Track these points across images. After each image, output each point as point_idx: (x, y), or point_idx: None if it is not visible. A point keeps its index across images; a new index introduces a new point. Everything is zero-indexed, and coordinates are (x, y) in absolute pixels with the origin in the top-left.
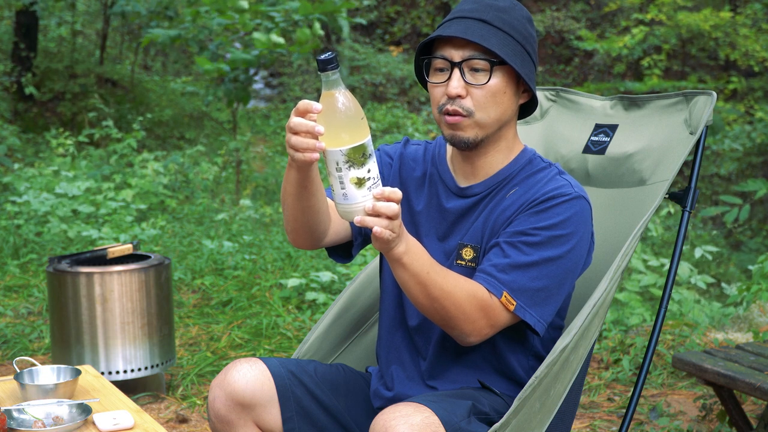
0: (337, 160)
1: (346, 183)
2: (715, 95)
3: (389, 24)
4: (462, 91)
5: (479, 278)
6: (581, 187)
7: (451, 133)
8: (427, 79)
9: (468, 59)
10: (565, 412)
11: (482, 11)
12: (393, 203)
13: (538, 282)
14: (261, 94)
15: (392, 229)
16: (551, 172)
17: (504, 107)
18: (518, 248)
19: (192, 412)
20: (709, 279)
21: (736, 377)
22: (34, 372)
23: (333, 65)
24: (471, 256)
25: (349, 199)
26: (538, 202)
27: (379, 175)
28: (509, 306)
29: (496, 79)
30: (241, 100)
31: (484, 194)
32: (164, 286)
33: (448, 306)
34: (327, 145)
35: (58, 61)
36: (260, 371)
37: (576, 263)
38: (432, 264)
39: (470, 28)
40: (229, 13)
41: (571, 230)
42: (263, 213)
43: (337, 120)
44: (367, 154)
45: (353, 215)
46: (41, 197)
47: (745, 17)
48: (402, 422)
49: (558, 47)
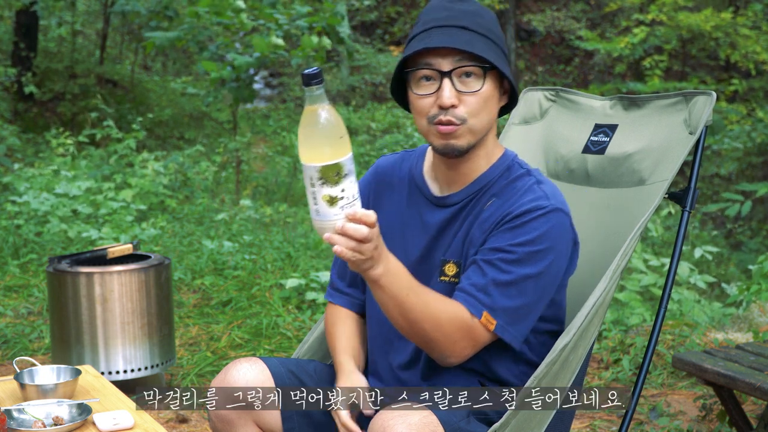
0: (311, 176)
1: (318, 199)
2: (714, 95)
3: (389, 24)
4: (455, 101)
5: (458, 297)
6: (559, 196)
7: (444, 142)
8: (413, 92)
9: (459, 67)
10: (564, 412)
11: (458, 18)
12: (363, 226)
13: (518, 300)
14: (261, 94)
15: (360, 252)
16: (529, 181)
17: (492, 112)
18: (496, 266)
19: (192, 412)
20: (709, 279)
21: (736, 377)
22: (34, 372)
23: (317, 80)
24: (454, 271)
25: (321, 215)
26: (513, 216)
27: (356, 195)
28: (489, 326)
29: (487, 84)
30: (247, 99)
31: (463, 203)
32: (164, 286)
33: (428, 328)
34: (303, 159)
35: (58, 61)
36: (260, 370)
37: (555, 276)
38: (411, 286)
39: (454, 36)
40: (227, 14)
41: (548, 245)
42: (263, 213)
43: (315, 135)
44: (342, 173)
45: (324, 232)
46: (41, 197)
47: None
48: (400, 422)
49: (558, 47)
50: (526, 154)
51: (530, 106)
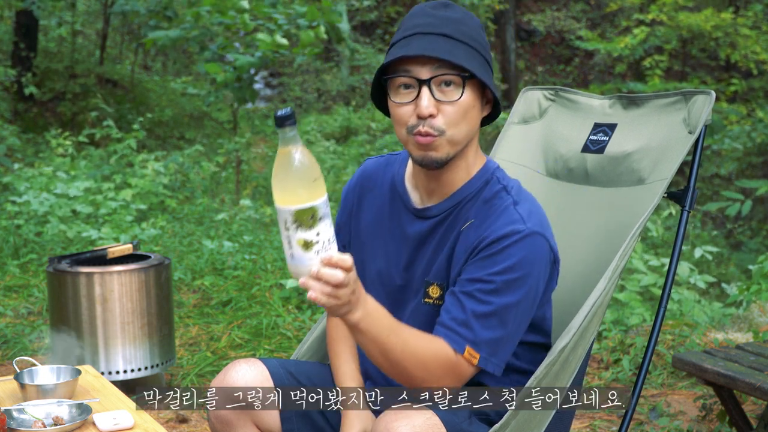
0: (286, 219)
1: (293, 244)
2: (713, 94)
3: (389, 24)
4: (434, 110)
5: (440, 332)
6: (536, 216)
7: (422, 154)
8: (392, 100)
9: (438, 75)
10: (564, 412)
11: (440, 25)
12: (339, 271)
13: (499, 330)
14: (261, 94)
15: (337, 297)
16: (506, 201)
17: (473, 122)
18: (475, 298)
19: (192, 412)
20: (709, 279)
21: (736, 377)
22: (34, 372)
23: (290, 122)
24: (438, 294)
25: (296, 260)
26: (489, 242)
27: (332, 239)
28: (473, 360)
29: (467, 94)
30: (248, 100)
31: (442, 217)
32: (164, 286)
33: (411, 368)
34: (277, 202)
35: (58, 61)
36: (259, 371)
37: (534, 299)
38: (392, 327)
39: (434, 44)
40: (230, 13)
41: (526, 271)
42: (263, 213)
43: (289, 178)
44: (317, 216)
45: (299, 276)
46: (41, 197)
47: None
48: (404, 423)
49: (558, 47)
50: (525, 153)
51: (529, 106)
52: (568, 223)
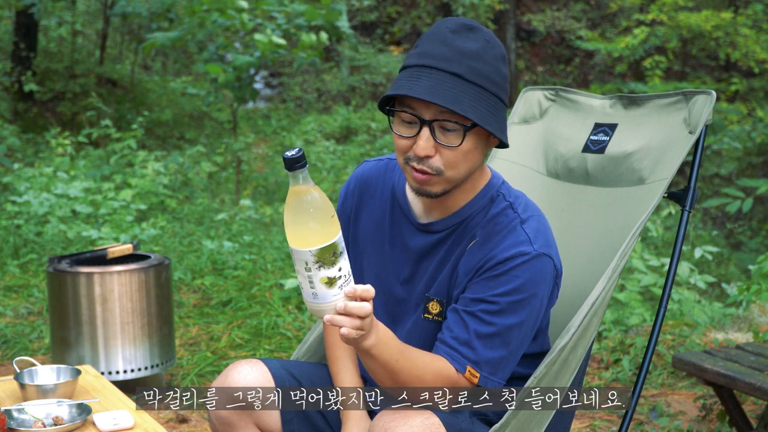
0: (306, 260)
1: (315, 283)
2: (714, 94)
3: (389, 24)
4: (431, 152)
5: (441, 351)
6: (543, 235)
7: (417, 186)
8: (394, 129)
9: (439, 120)
10: (564, 412)
11: (453, 60)
12: (366, 303)
13: (501, 350)
14: (261, 94)
15: (362, 328)
16: (512, 219)
17: (474, 162)
18: (478, 318)
19: (192, 412)
20: (710, 279)
21: (736, 377)
22: (34, 372)
23: (301, 164)
24: (438, 310)
25: (320, 298)
26: (495, 263)
27: (350, 271)
28: (473, 380)
29: (468, 140)
30: (248, 99)
31: (446, 233)
32: (164, 286)
33: (415, 387)
34: (294, 245)
35: (58, 61)
36: (261, 372)
37: (537, 318)
38: (401, 350)
39: (441, 87)
40: (229, 12)
41: (530, 293)
42: (263, 213)
43: (306, 219)
44: (338, 252)
45: (323, 314)
46: (41, 197)
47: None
48: (402, 424)
49: (558, 47)
50: (525, 153)
51: (530, 106)
52: (568, 223)
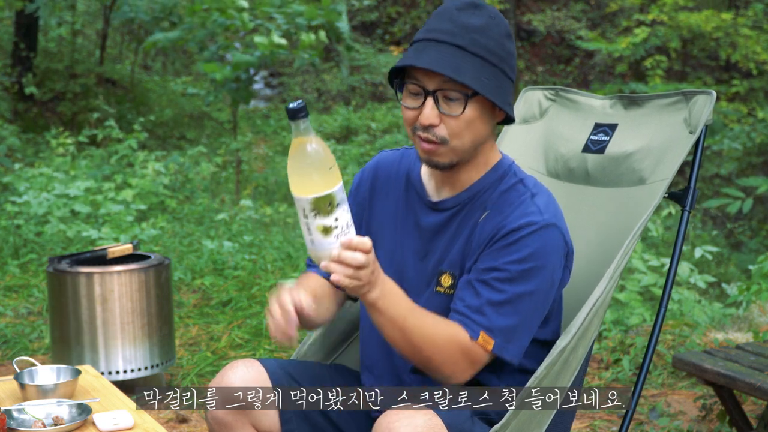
0: (304, 207)
1: (312, 230)
2: (714, 94)
3: (389, 24)
4: (435, 121)
5: (455, 318)
6: (553, 209)
7: (426, 157)
8: (402, 101)
9: (442, 89)
10: (564, 412)
11: (457, 34)
12: (359, 253)
13: (513, 318)
14: (261, 94)
15: (358, 278)
16: (523, 193)
17: (479, 132)
18: (490, 285)
19: (192, 412)
20: (709, 279)
21: (736, 377)
22: (34, 372)
23: (303, 114)
24: (449, 283)
25: (316, 245)
26: (506, 232)
27: (350, 222)
28: (487, 346)
29: (470, 109)
30: (245, 100)
31: (456, 209)
32: (164, 286)
33: (427, 350)
34: (294, 191)
35: (58, 61)
36: (257, 372)
37: (549, 290)
38: (410, 309)
39: (444, 58)
40: (229, 12)
41: (541, 261)
42: (263, 213)
43: (305, 168)
44: (334, 203)
45: (320, 260)
46: (41, 197)
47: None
48: (405, 424)
49: (558, 47)
50: (525, 153)
51: (530, 106)
52: (568, 223)
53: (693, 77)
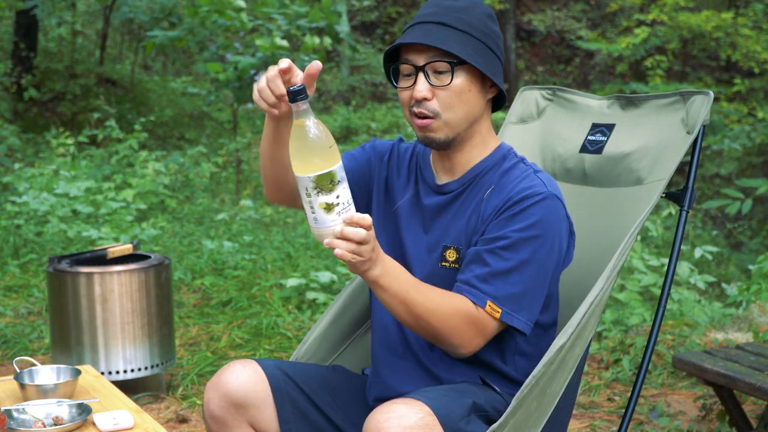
0: (306, 186)
1: (315, 208)
2: (711, 95)
3: (389, 24)
4: (427, 94)
5: (462, 290)
6: (555, 185)
7: (422, 135)
8: (397, 85)
9: (430, 62)
10: (560, 411)
11: (441, 14)
12: (361, 229)
13: (520, 285)
14: None
15: (360, 254)
16: (525, 170)
17: (471, 105)
18: (496, 254)
19: (192, 412)
20: (709, 279)
21: (736, 377)
22: (34, 372)
23: (302, 96)
24: (454, 257)
25: (319, 223)
26: (512, 203)
27: (350, 200)
28: (495, 314)
29: (459, 78)
30: (248, 100)
31: (459, 191)
32: (164, 286)
33: (434, 322)
34: (296, 171)
35: (58, 61)
36: (254, 372)
37: (554, 261)
38: (413, 284)
39: (430, 33)
40: (227, 13)
41: (545, 230)
42: (263, 213)
43: (306, 148)
44: (335, 180)
45: (323, 238)
46: (41, 197)
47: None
48: (395, 423)
49: (558, 47)
50: (523, 153)
51: (527, 106)
52: None
53: (693, 77)
